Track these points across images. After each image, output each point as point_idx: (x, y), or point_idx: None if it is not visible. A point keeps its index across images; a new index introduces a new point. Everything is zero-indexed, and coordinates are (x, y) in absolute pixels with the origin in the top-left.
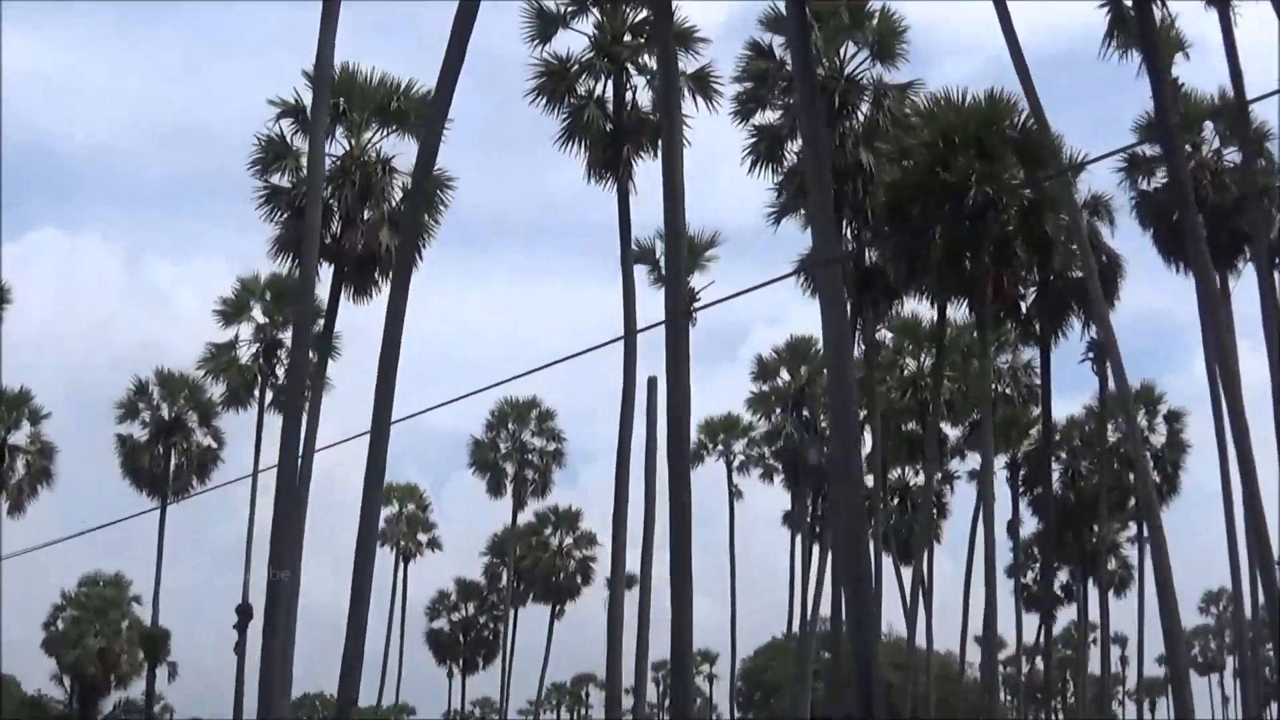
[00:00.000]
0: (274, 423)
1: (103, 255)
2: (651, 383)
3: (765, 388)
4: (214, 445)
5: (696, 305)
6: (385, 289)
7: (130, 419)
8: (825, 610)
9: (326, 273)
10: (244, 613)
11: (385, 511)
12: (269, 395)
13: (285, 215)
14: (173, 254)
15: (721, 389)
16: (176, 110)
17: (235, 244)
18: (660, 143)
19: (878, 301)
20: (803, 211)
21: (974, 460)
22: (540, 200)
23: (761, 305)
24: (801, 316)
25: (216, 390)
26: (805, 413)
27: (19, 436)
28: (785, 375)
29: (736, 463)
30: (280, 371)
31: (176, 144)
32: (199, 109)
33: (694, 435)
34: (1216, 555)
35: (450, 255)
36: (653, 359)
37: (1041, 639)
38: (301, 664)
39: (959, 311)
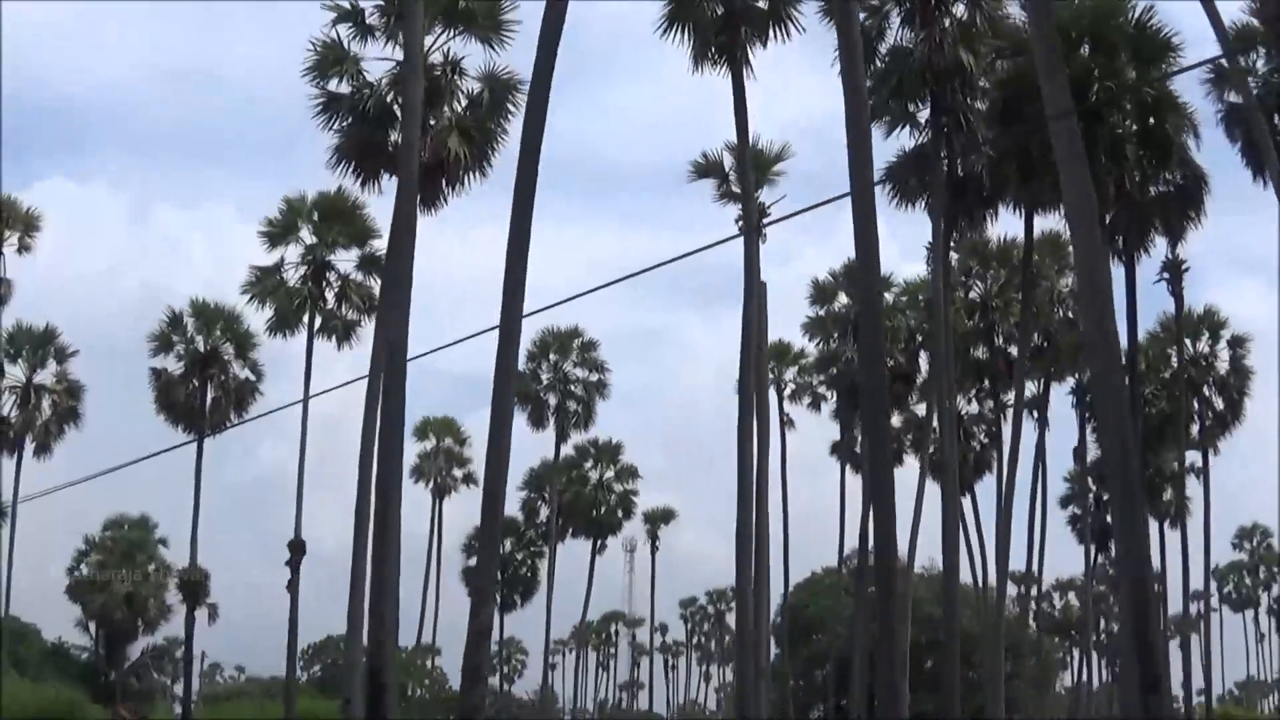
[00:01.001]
0: (323, 348)
1: (111, 204)
2: (761, 289)
3: (822, 312)
4: (252, 378)
5: (767, 220)
6: (452, 199)
7: (164, 351)
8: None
9: (389, 185)
10: (296, 548)
11: (420, 446)
12: (318, 320)
13: (346, 122)
14: (181, 201)
15: (729, 331)
16: (185, 57)
17: (245, 190)
18: (835, 9)
19: (971, 212)
20: (887, 118)
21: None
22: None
23: (772, 243)
24: (816, 255)
25: (260, 317)
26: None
27: (45, 376)
28: (843, 299)
29: (788, 391)
30: (330, 295)
31: (185, 91)
32: (208, 57)
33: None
34: (1253, 490)
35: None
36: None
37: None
38: (319, 608)
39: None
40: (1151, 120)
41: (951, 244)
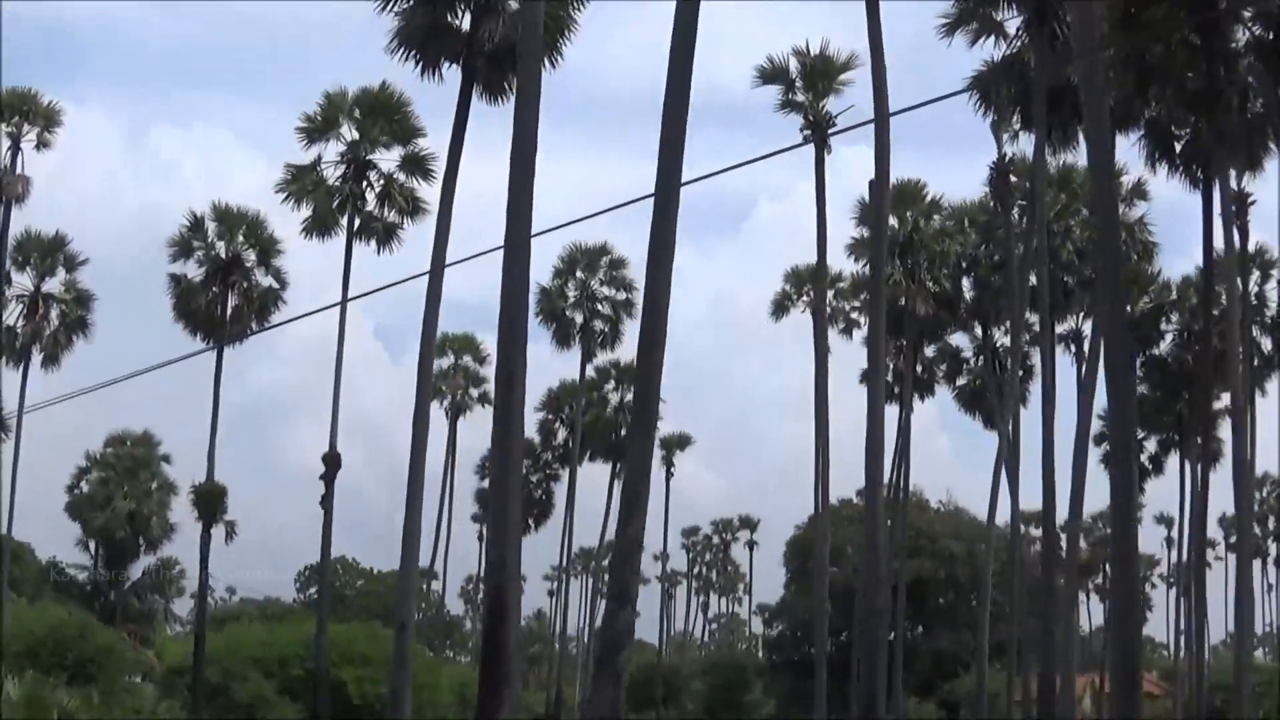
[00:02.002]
0: (363, 252)
1: (108, 126)
2: (872, 186)
3: (867, 233)
4: (275, 286)
5: (833, 130)
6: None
7: (184, 257)
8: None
9: (451, 75)
10: (332, 462)
11: (440, 363)
12: (356, 222)
13: (408, 4)
14: (178, 124)
15: (723, 263)
16: None
17: (239, 111)
18: None
19: (1065, 125)
20: (974, 25)
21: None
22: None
23: (767, 178)
24: (810, 189)
25: (286, 222)
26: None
27: (53, 284)
28: (890, 220)
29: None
30: (371, 196)
31: (179, 12)
32: None
33: (778, 284)
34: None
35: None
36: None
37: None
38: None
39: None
40: (1272, 35)
41: (1009, 164)
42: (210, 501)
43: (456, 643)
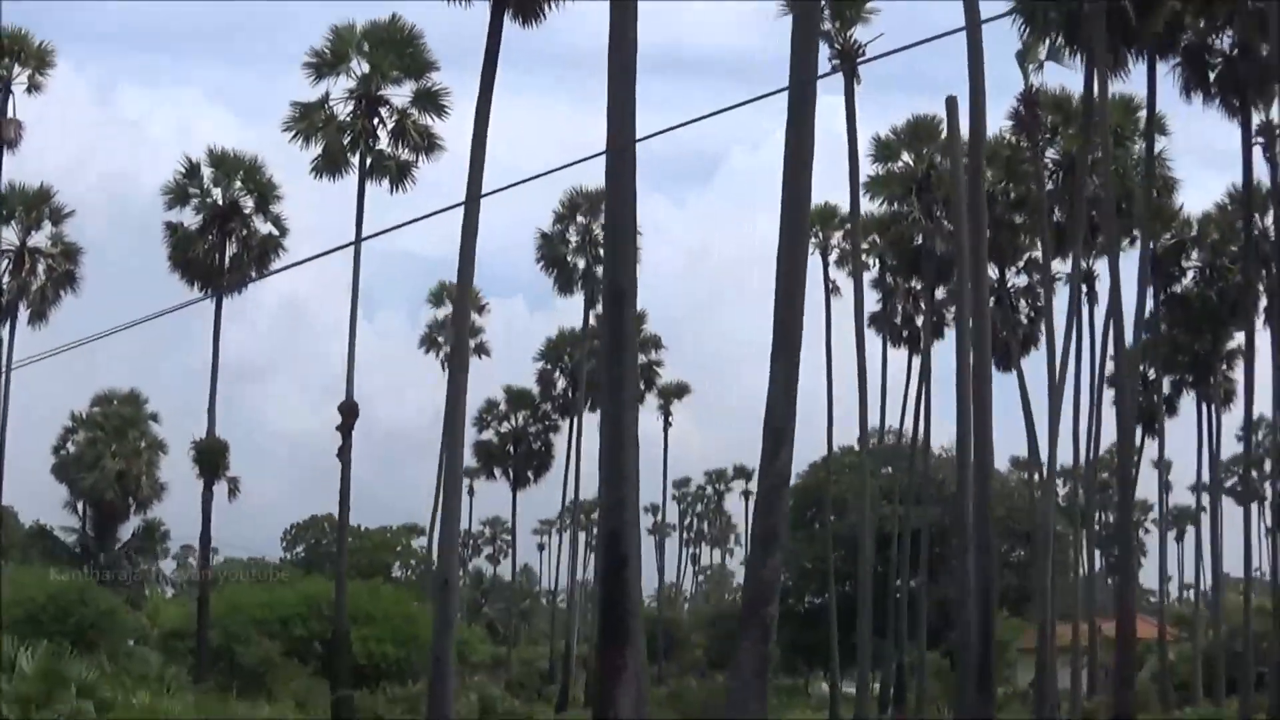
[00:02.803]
0: (375, 193)
1: (74, 87)
2: (951, 104)
3: (883, 171)
4: (275, 233)
5: (862, 59)
6: (551, 13)
7: (180, 205)
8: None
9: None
10: (349, 411)
11: (436, 313)
12: (368, 161)
13: None
14: (144, 83)
15: (696, 213)
16: None
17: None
18: None
19: (1117, 49)
20: None
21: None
22: None
23: (741, 128)
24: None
25: (287, 166)
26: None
27: (39, 238)
28: (906, 157)
29: (834, 256)
30: (383, 133)
31: None
32: None
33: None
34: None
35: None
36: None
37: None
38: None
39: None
40: None
41: (1036, 95)
42: (212, 458)
43: None
